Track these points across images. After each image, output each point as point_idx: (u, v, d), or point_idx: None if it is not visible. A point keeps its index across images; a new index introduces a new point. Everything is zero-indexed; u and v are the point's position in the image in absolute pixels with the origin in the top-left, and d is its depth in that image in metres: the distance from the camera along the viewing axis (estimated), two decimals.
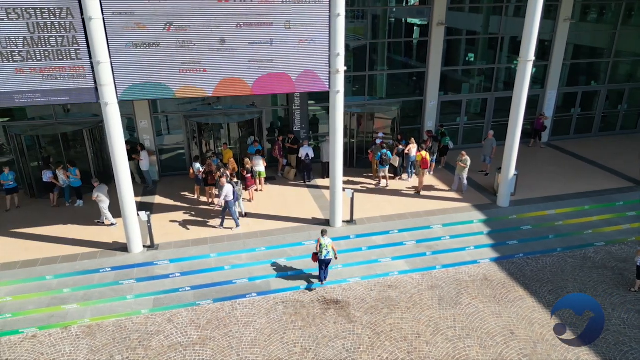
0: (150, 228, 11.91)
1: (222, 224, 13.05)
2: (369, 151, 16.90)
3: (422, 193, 15.17)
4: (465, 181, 15.14)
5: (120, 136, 10.82)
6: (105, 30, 9.84)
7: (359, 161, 17.70)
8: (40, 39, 9.62)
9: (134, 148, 15.85)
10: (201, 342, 9.59)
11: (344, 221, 13.27)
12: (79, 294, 10.69)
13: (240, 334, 9.82)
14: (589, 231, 13.52)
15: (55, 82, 10.00)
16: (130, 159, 15.66)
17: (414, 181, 16.13)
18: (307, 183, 16.23)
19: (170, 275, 11.29)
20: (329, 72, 11.48)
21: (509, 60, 19.04)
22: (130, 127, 16.27)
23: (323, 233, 11.05)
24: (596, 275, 11.74)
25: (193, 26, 10.31)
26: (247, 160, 14.80)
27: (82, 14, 9.61)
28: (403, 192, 15.39)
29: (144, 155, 15.34)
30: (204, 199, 14.91)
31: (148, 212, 11.77)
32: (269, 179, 16.12)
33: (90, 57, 9.98)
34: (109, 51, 10.02)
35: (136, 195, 15.13)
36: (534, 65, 19.17)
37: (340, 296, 11.03)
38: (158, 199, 14.93)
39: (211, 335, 9.79)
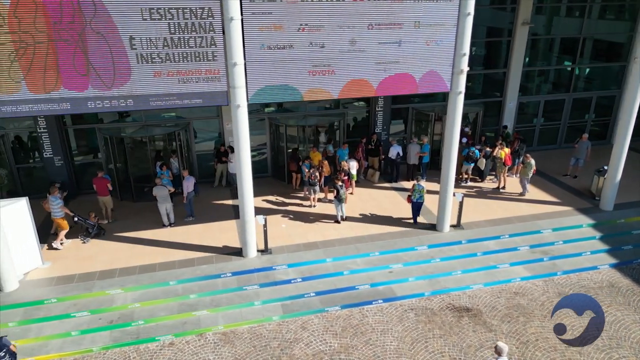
0: (265, 232, 11.69)
1: (191, 215, 13.69)
2: None
3: (512, 195, 14.95)
4: (527, 184, 14.88)
5: (247, 139, 10.61)
6: (243, 31, 9.64)
7: (434, 163, 17.34)
8: (180, 40, 9.44)
9: (218, 150, 15.73)
10: (344, 350, 9.35)
11: (451, 226, 12.99)
12: (206, 300, 10.49)
13: (381, 342, 9.56)
14: None
15: (190, 84, 9.82)
16: (220, 161, 15.65)
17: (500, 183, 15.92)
18: (394, 184, 15.99)
19: (292, 281, 11.06)
20: (452, 73, 11.23)
21: (586, 61, 18.71)
22: (214, 130, 16.15)
23: (417, 179, 12.98)
24: None
25: (326, 27, 10.08)
26: (344, 162, 14.60)
27: (222, 14, 9.42)
28: (497, 195, 15.12)
29: (233, 157, 15.11)
30: (295, 201, 14.74)
31: (265, 217, 11.55)
32: None
33: (226, 59, 9.78)
34: (244, 53, 9.82)
35: (226, 198, 15.17)
36: (607, 67, 18.99)
37: (468, 303, 10.74)
38: None
39: (352, 343, 9.54)
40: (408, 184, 15.93)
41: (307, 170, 14.37)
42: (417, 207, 13.03)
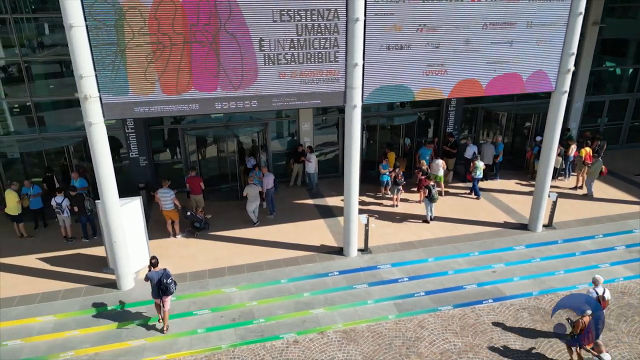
0: (367, 232, 11.76)
1: (272, 212, 13.92)
2: (527, 149, 16.76)
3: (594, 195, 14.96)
4: (592, 186, 14.89)
5: (358, 139, 10.68)
6: (364, 31, 9.71)
7: (505, 162, 17.28)
8: (305, 42, 9.52)
9: (295, 150, 15.80)
10: (470, 349, 9.39)
11: (543, 225, 13.00)
12: (320, 298, 10.57)
13: (504, 341, 9.60)
14: None
15: (310, 85, 9.90)
16: (297, 161, 15.73)
17: (571, 182, 16.05)
18: (468, 184, 15.97)
19: (399, 280, 11.12)
20: (558, 72, 11.25)
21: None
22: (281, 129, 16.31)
23: (475, 157, 14.47)
24: None
25: (443, 27, 10.13)
26: (422, 162, 14.66)
27: (347, 15, 9.50)
28: (576, 194, 15.17)
29: (312, 157, 15.20)
30: (375, 200, 14.81)
31: (367, 216, 11.61)
32: None
33: (346, 60, 9.85)
34: (364, 53, 9.89)
35: (305, 198, 15.26)
36: None
37: None
38: (331, 201, 14.83)
39: (475, 342, 9.59)
40: (482, 183, 15.96)
41: (386, 171, 14.49)
42: (476, 182, 14.84)
